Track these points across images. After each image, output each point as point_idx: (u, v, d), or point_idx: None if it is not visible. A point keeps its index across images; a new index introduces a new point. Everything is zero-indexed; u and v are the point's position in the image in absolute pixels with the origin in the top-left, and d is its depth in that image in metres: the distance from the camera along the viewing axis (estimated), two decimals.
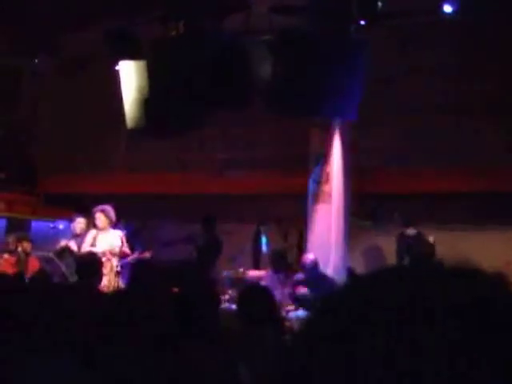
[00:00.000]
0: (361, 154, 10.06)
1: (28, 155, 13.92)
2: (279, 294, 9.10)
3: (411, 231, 9.50)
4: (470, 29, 9.38)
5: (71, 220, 10.85)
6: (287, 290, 9.15)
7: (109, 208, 9.93)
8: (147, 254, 10.31)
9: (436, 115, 9.90)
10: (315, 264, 9.14)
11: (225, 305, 8.79)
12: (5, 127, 13.59)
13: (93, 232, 9.85)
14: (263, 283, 9.09)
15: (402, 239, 9.46)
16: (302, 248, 10.42)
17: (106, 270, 9.24)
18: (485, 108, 9.74)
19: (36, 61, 10.55)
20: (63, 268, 9.78)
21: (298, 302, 8.67)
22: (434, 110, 9.89)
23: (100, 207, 9.90)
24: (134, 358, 2.92)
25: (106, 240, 9.69)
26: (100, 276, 7.59)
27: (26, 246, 10.68)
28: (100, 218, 9.77)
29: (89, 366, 2.62)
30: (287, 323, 8.10)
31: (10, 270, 9.70)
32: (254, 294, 4.54)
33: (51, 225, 12.72)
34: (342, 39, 7.56)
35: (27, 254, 10.62)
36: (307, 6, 7.87)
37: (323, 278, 9.07)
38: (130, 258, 10.08)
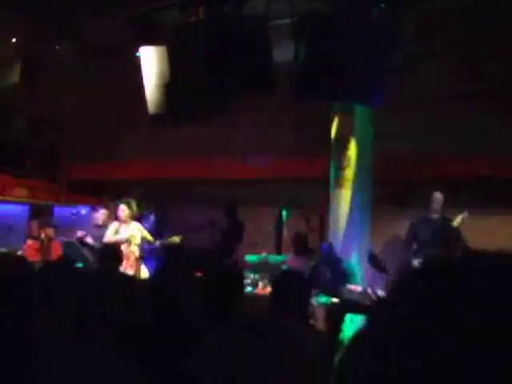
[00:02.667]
0: (384, 139, 10.01)
1: (51, 142, 14.01)
2: None
3: (435, 216, 9.39)
4: (492, 13, 9.27)
5: (94, 208, 10.92)
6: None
7: (132, 201, 10.02)
8: (176, 239, 10.36)
9: (461, 102, 9.80)
10: (330, 247, 9.15)
11: (247, 289, 8.84)
12: (28, 115, 13.68)
13: (115, 224, 9.94)
14: (284, 267, 9.12)
15: (425, 224, 9.34)
16: (323, 233, 10.43)
17: (130, 261, 9.33)
18: (504, 96, 9.65)
19: (58, 48, 10.56)
20: (85, 253, 9.88)
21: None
22: (459, 96, 9.80)
23: (125, 199, 10.01)
24: (163, 344, 2.96)
25: (127, 231, 9.78)
26: (120, 262, 7.67)
27: (49, 231, 10.78)
28: (124, 211, 9.86)
29: (122, 352, 2.64)
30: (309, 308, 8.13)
31: (34, 256, 9.80)
32: (290, 280, 4.49)
33: (74, 211, 12.81)
34: (366, 23, 7.50)
35: (50, 240, 10.71)
36: None
37: (338, 260, 9.08)
38: (158, 243, 10.18)
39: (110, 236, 9.74)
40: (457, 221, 9.07)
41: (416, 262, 8.82)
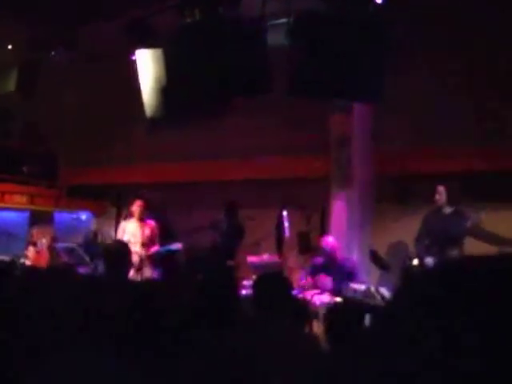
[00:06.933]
0: (384, 136, 9.99)
1: (50, 148, 13.99)
2: (304, 276, 9.11)
3: (448, 209, 9.12)
4: (486, 7, 9.25)
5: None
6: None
7: (143, 201, 10.16)
8: (178, 246, 10.39)
9: (459, 96, 9.78)
10: (334, 248, 9.11)
11: (249, 291, 8.81)
12: (26, 121, 13.66)
13: (123, 224, 10.05)
14: (289, 266, 9.12)
15: (438, 218, 9.04)
16: (324, 231, 10.42)
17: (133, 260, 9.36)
18: (505, 88, 9.63)
19: (53, 53, 10.54)
20: (87, 259, 9.88)
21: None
22: (457, 91, 9.78)
23: (139, 200, 10.13)
24: (161, 348, 2.95)
25: (133, 230, 9.87)
26: (129, 265, 7.52)
27: (49, 238, 10.79)
28: (140, 207, 10.03)
29: (125, 358, 2.63)
30: (312, 307, 8.12)
31: (37, 262, 9.82)
32: (268, 281, 4.50)
33: (74, 216, 12.81)
34: (364, 21, 7.47)
35: (50, 246, 10.73)
36: None
37: (342, 261, 9.06)
38: (161, 248, 10.22)
39: (120, 235, 9.86)
40: (472, 221, 8.82)
41: (429, 260, 8.59)
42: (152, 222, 10.16)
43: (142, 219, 10.08)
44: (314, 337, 4.94)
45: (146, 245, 9.92)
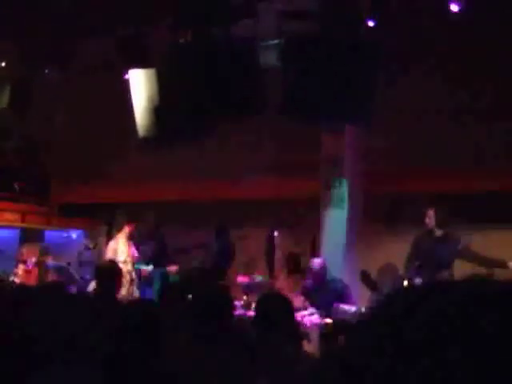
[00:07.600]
0: (374, 157, 10.01)
1: (41, 166, 13.95)
2: (293, 297, 9.10)
3: (438, 232, 9.15)
4: (472, 30, 9.29)
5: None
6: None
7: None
8: (174, 268, 10.41)
9: (448, 116, 9.81)
10: (324, 268, 9.09)
11: (240, 311, 8.79)
12: (18, 138, 13.63)
13: (112, 244, 10.08)
14: (278, 287, 9.10)
15: (429, 240, 9.05)
16: (315, 252, 10.42)
17: (125, 281, 9.36)
18: (493, 109, 9.67)
19: (46, 71, 10.55)
20: (77, 277, 9.88)
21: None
22: (446, 111, 9.82)
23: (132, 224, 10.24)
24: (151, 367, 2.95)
25: (126, 250, 9.91)
26: (119, 283, 7.47)
27: (40, 256, 10.76)
28: (129, 232, 10.13)
29: (111, 375, 2.63)
30: (302, 328, 8.10)
31: (27, 280, 9.79)
32: (272, 302, 4.53)
33: (64, 234, 12.78)
34: (355, 43, 7.52)
35: (42, 264, 10.69)
36: (316, 10, 7.85)
37: (332, 282, 9.05)
38: (153, 269, 10.27)
39: (111, 255, 9.89)
40: (462, 244, 8.85)
41: (419, 282, 8.58)
42: (130, 241, 10.30)
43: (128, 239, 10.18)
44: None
45: (134, 264, 10.00)
